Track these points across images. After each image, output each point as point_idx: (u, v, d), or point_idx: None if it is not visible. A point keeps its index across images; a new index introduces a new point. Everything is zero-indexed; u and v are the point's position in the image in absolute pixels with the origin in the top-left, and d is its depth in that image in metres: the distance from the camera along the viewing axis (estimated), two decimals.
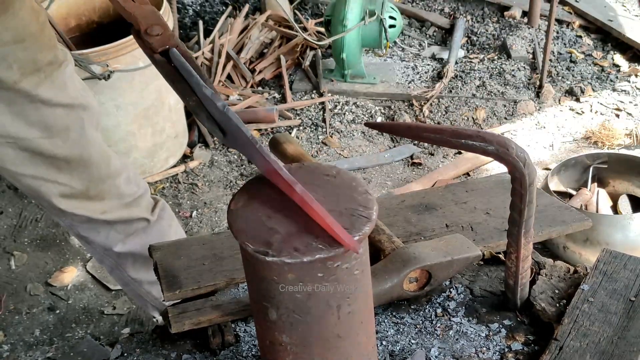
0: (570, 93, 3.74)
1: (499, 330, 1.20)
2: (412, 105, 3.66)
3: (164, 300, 1.24)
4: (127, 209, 1.86)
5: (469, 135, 1.03)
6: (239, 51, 3.95)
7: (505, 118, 3.61)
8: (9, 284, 2.76)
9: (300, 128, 3.57)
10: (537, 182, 1.16)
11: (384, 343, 1.18)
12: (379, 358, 1.14)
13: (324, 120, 3.60)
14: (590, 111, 3.63)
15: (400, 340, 1.19)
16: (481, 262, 1.34)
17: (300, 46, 4.02)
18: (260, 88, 3.85)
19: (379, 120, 3.60)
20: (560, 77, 3.84)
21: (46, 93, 1.57)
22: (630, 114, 3.59)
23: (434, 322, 1.22)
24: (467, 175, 3.25)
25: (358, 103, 3.70)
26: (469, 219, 1.41)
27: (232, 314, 1.16)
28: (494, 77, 3.81)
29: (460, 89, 3.73)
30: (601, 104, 3.67)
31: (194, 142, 3.48)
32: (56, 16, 3.06)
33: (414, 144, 3.44)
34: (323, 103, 3.69)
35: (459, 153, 3.38)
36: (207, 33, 4.09)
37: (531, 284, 1.23)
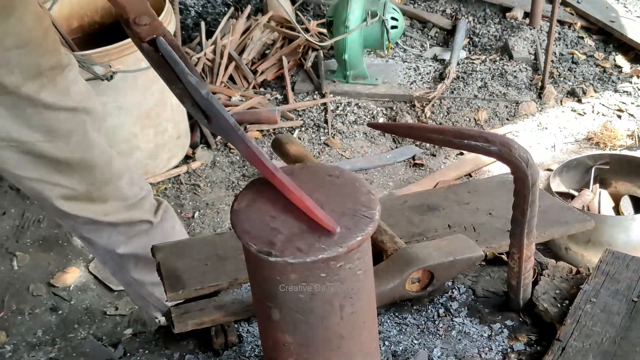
0: (572, 94, 3.74)
1: (501, 330, 1.20)
2: (414, 106, 3.66)
3: (166, 301, 1.24)
4: (130, 211, 1.86)
5: (472, 135, 1.03)
6: (241, 52, 3.95)
7: (507, 119, 3.61)
8: (12, 284, 2.76)
9: (302, 129, 3.58)
10: (539, 183, 1.15)
11: (386, 343, 1.18)
12: (381, 358, 1.14)
13: (325, 121, 3.60)
14: (592, 112, 3.63)
15: (403, 341, 1.19)
16: (483, 263, 1.34)
17: (302, 47, 4.02)
18: (262, 89, 3.85)
19: (381, 121, 3.60)
20: (562, 78, 3.84)
21: (49, 97, 1.56)
22: (632, 115, 3.59)
23: (436, 323, 1.22)
24: (469, 176, 3.25)
25: (360, 104, 3.70)
26: (472, 219, 1.41)
27: (235, 314, 1.16)
28: (496, 78, 3.81)
29: (462, 90, 3.73)
30: (603, 105, 3.67)
31: (196, 143, 3.48)
32: (58, 17, 3.06)
33: (416, 145, 3.44)
34: (325, 104, 3.70)
35: (461, 154, 3.38)
36: (209, 34, 4.09)
37: (534, 284, 1.23)
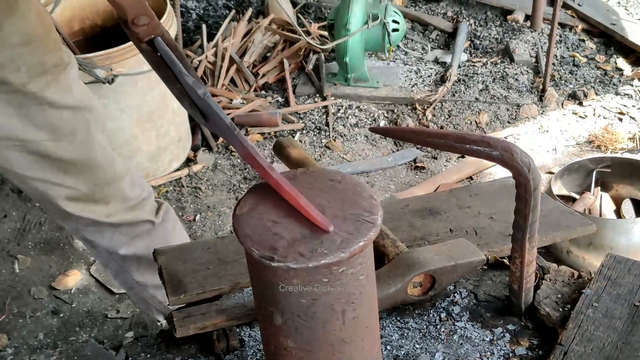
0: (573, 97, 3.74)
1: (503, 335, 1.20)
2: (415, 109, 3.66)
3: (168, 305, 1.24)
4: (132, 211, 1.87)
5: (474, 140, 1.03)
6: (242, 55, 3.96)
7: (508, 122, 3.61)
8: (13, 287, 2.76)
9: (304, 132, 3.58)
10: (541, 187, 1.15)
11: (388, 348, 1.18)
12: None
13: (327, 124, 3.60)
14: (593, 115, 3.62)
15: (405, 345, 1.19)
16: (485, 267, 1.34)
17: (303, 50, 4.02)
18: (263, 92, 3.86)
19: (382, 124, 3.60)
20: (563, 81, 3.84)
21: (53, 95, 1.57)
22: (633, 118, 3.58)
23: (438, 327, 1.22)
24: (471, 179, 3.25)
25: (361, 107, 3.70)
26: (473, 223, 1.41)
27: (237, 318, 1.16)
28: (497, 81, 3.81)
29: (463, 92, 3.73)
30: (604, 107, 3.67)
31: (198, 146, 3.48)
32: (60, 20, 3.06)
33: (417, 148, 3.43)
34: (326, 107, 3.70)
35: (462, 157, 3.37)
36: (211, 37, 4.09)
37: (535, 288, 1.23)
